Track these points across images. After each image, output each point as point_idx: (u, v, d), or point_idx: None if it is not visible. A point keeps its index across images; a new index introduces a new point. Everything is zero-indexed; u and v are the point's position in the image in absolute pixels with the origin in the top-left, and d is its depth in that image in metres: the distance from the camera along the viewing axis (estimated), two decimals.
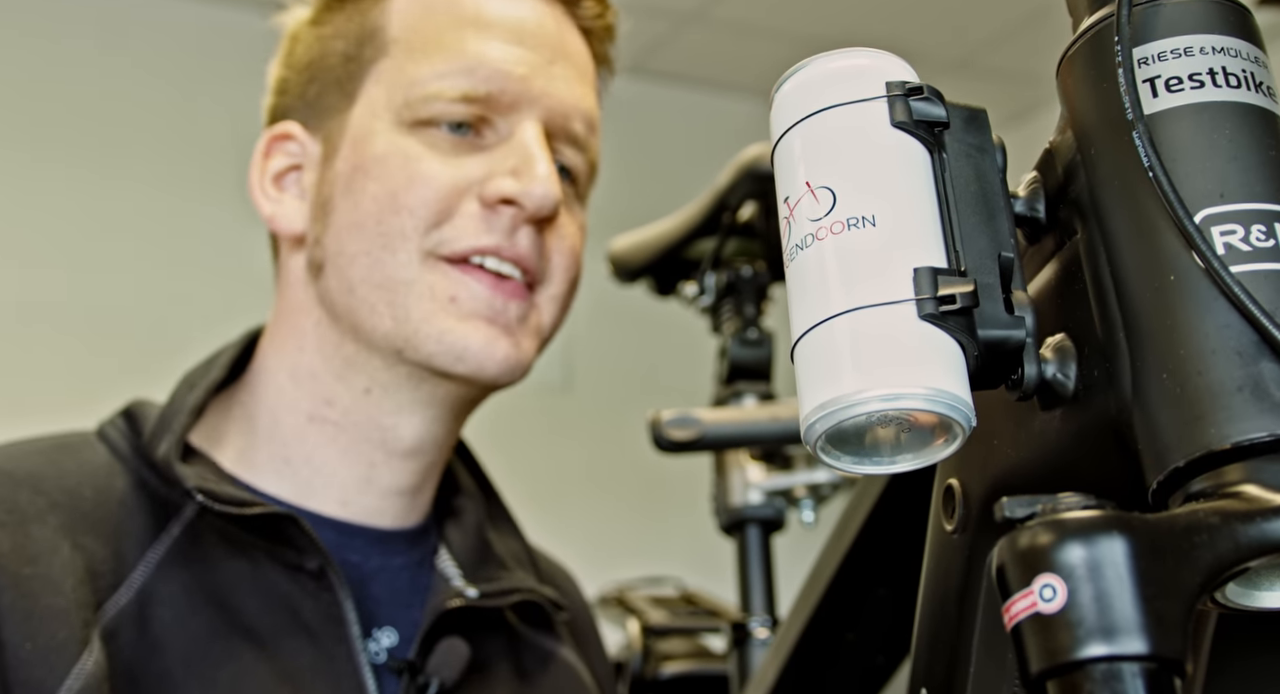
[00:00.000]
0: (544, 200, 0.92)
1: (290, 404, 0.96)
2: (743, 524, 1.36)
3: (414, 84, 0.95)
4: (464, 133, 0.95)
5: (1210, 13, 0.51)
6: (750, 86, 4.30)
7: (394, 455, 0.97)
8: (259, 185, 1.00)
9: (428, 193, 0.92)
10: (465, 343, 0.91)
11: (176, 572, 0.88)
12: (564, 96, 0.97)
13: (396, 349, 0.93)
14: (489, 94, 0.94)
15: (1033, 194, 0.55)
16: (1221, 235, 0.47)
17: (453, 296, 0.92)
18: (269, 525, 0.90)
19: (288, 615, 0.89)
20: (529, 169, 0.93)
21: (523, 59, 0.96)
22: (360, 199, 0.94)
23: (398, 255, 0.92)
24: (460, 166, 0.94)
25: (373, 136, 0.95)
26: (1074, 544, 0.42)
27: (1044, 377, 0.51)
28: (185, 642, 0.86)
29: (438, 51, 0.95)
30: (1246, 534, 0.43)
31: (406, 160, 0.93)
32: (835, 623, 0.84)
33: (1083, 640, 0.41)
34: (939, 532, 0.63)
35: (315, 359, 0.96)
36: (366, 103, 0.96)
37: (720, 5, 3.81)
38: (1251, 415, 0.45)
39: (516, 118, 0.95)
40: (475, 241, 0.92)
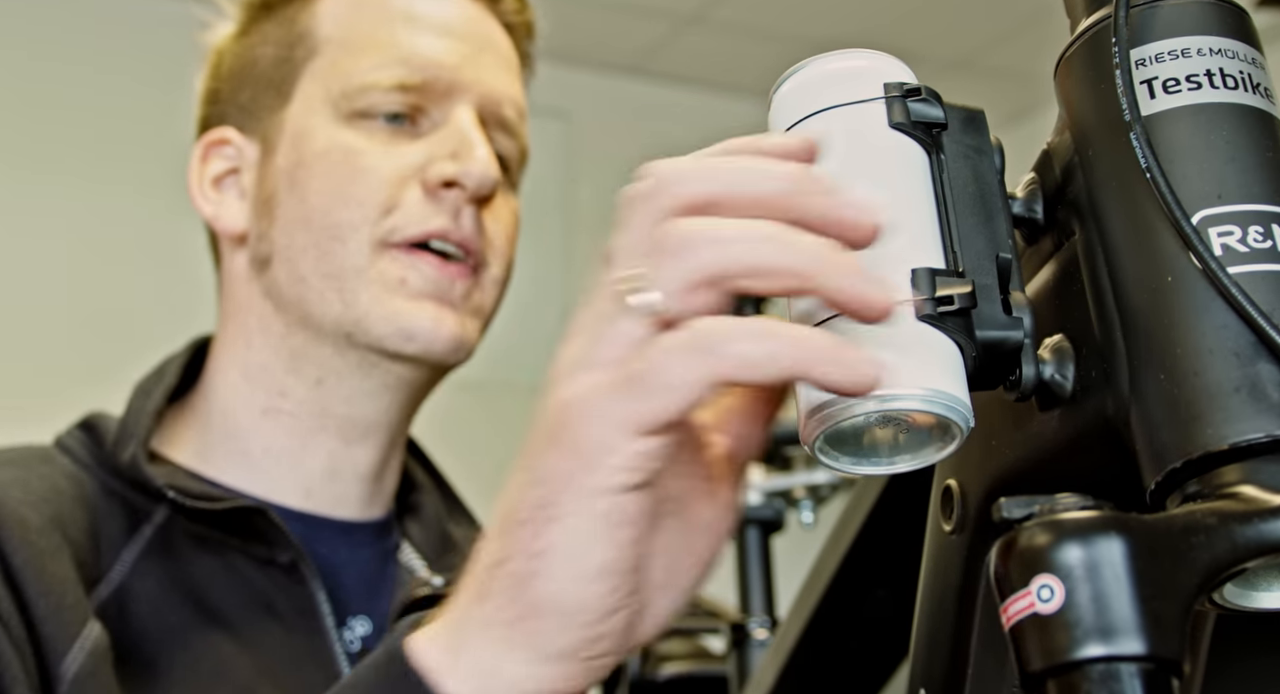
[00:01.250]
0: (484, 179, 0.95)
1: (245, 400, 0.98)
2: (742, 525, 1.36)
3: (349, 76, 0.97)
4: (400, 123, 0.97)
5: (1208, 14, 0.51)
6: (750, 87, 4.30)
7: (351, 442, 0.98)
8: (198, 189, 1.02)
9: (373, 183, 0.95)
10: (414, 322, 0.93)
11: (152, 569, 0.89)
12: (494, 84, 1.01)
13: (346, 333, 0.94)
14: (423, 82, 0.97)
15: (1030, 195, 0.55)
16: (1219, 236, 0.47)
17: (402, 279, 0.94)
18: (239, 521, 0.91)
19: (262, 609, 0.90)
20: (467, 151, 0.95)
21: (453, 49, 0.99)
22: (305, 194, 0.96)
23: (348, 245, 0.94)
24: (400, 155, 0.96)
25: (312, 132, 0.97)
26: (1071, 545, 0.42)
27: (1042, 377, 0.51)
28: (165, 635, 0.87)
29: (370, 46, 0.98)
30: (1244, 535, 0.43)
31: (347, 154, 0.95)
32: (834, 624, 0.84)
33: (1080, 641, 0.41)
34: (937, 532, 0.63)
35: (264, 354, 0.98)
36: (303, 100, 0.98)
37: (720, 7, 3.82)
38: (1249, 416, 0.45)
39: (450, 105, 0.98)
40: (424, 226, 0.94)
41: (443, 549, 1.03)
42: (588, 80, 4.20)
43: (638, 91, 4.27)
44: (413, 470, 1.09)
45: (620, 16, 3.90)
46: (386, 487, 1.02)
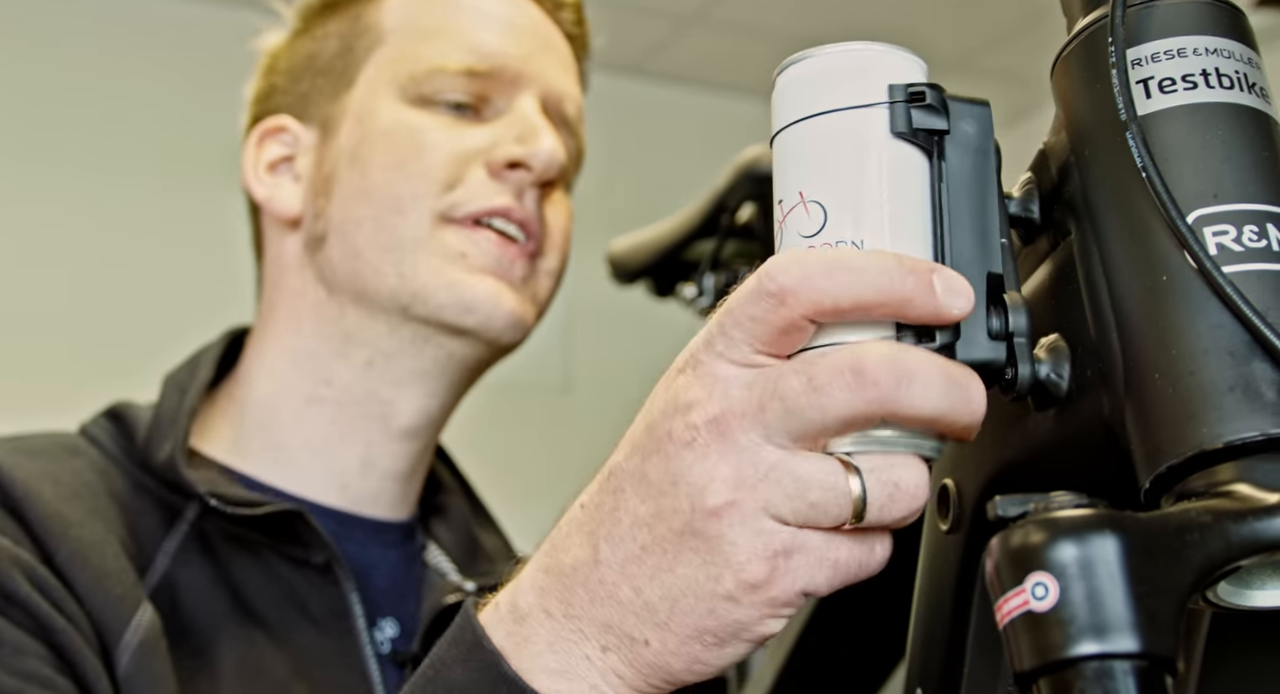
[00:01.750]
0: (551, 159, 0.95)
1: (287, 388, 0.97)
2: None
3: (417, 60, 0.97)
4: (464, 112, 0.98)
5: (1204, 14, 0.52)
6: (750, 87, 4.30)
7: (391, 435, 0.98)
8: (253, 173, 1.02)
9: (436, 159, 0.95)
10: (474, 293, 0.93)
11: (194, 561, 0.89)
12: (557, 80, 1.01)
13: (403, 306, 0.94)
14: (490, 69, 0.98)
15: (1027, 195, 0.55)
16: (1214, 236, 0.47)
17: (463, 252, 0.94)
18: (276, 522, 0.90)
19: (296, 608, 0.90)
20: (533, 135, 0.96)
21: (520, 42, 1.00)
22: (368, 168, 0.96)
23: (408, 217, 0.94)
24: (464, 137, 0.96)
25: (376, 112, 0.97)
26: (1066, 543, 0.42)
27: (1037, 377, 0.51)
28: (211, 625, 0.87)
29: (439, 34, 0.99)
30: (1238, 533, 0.43)
31: (412, 131, 0.96)
32: (832, 624, 0.84)
33: (1074, 638, 0.41)
34: (934, 531, 0.63)
35: (313, 340, 0.97)
36: (366, 84, 0.99)
37: (720, 6, 3.82)
38: (1243, 415, 0.45)
39: (515, 93, 0.99)
40: (487, 202, 0.95)
41: (471, 553, 1.03)
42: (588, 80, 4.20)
43: (638, 91, 4.27)
44: (439, 472, 1.09)
45: (621, 16, 3.90)
46: (416, 487, 1.02)
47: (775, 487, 0.50)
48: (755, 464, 0.50)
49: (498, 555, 1.05)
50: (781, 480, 0.50)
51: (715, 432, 0.50)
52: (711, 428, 0.51)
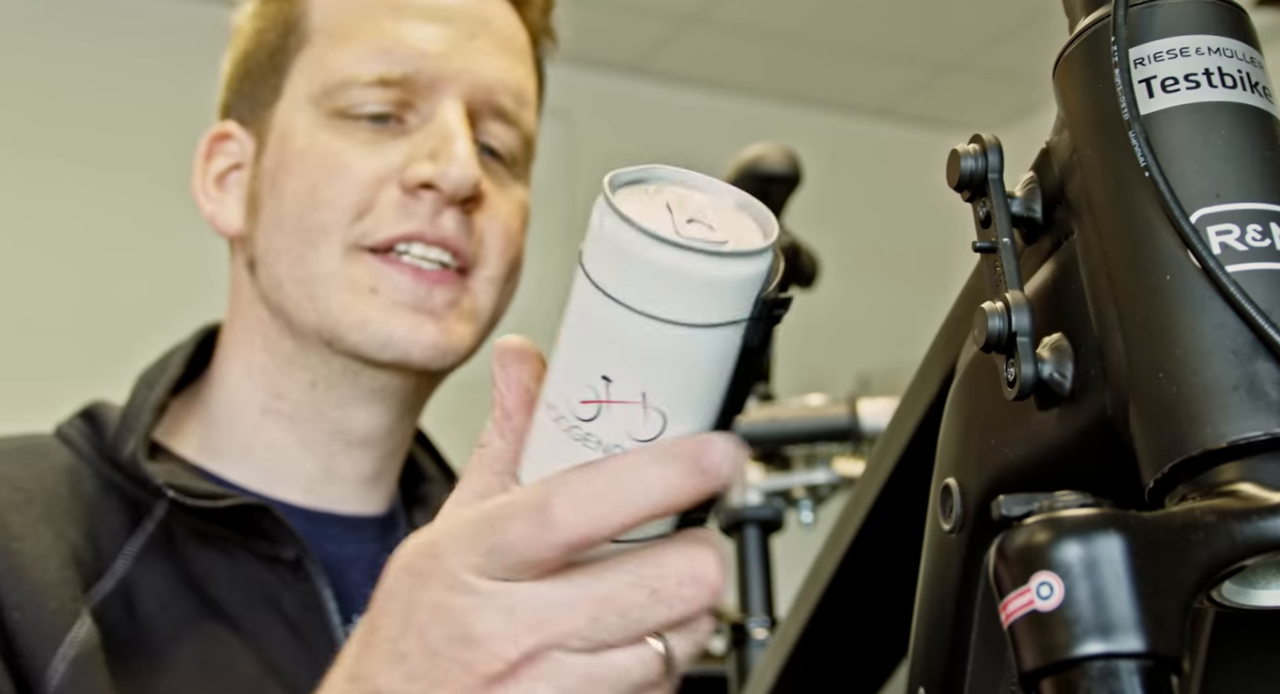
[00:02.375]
0: (461, 181, 0.90)
1: (245, 398, 0.97)
2: (741, 525, 1.36)
3: (330, 71, 0.93)
4: (385, 122, 0.93)
5: (1206, 13, 0.52)
6: (750, 87, 4.30)
7: (351, 445, 0.97)
8: (200, 187, 1.00)
9: (347, 185, 0.91)
10: (388, 331, 0.90)
11: (156, 562, 0.88)
12: (486, 72, 0.95)
13: (326, 341, 0.93)
14: (405, 75, 0.93)
15: (1029, 194, 0.55)
16: (1217, 235, 0.47)
17: (373, 288, 0.91)
18: (242, 518, 0.89)
19: (268, 606, 0.89)
20: (446, 150, 0.91)
21: (439, 36, 0.94)
22: (283, 195, 0.93)
23: (319, 250, 0.91)
24: (380, 155, 0.92)
25: (294, 132, 0.94)
26: (1070, 542, 0.42)
27: (1041, 376, 0.51)
28: (171, 626, 0.86)
29: (354, 36, 0.94)
30: (1243, 532, 0.43)
31: (324, 155, 0.92)
32: (834, 623, 0.84)
33: (1079, 638, 0.41)
34: (936, 531, 0.63)
35: (263, 355, 0.96)
36: (290, 95, 0.95)
37: (720, 6, 3.82)
38: (1247, 414, 0.45)
39: (437, 98, 0.93)
40: (396, 229, 0.91)
41: None
42: (588, 80, 4.20)
43: (639, 91, 4.27)
44: (422, 462, 1.08)
45: (621, 16, 3.90)
46: (389, 483, 1.01)
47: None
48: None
49: None
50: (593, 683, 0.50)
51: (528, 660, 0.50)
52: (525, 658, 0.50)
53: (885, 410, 1.21)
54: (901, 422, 0.72)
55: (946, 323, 0.66)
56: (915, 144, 4.39)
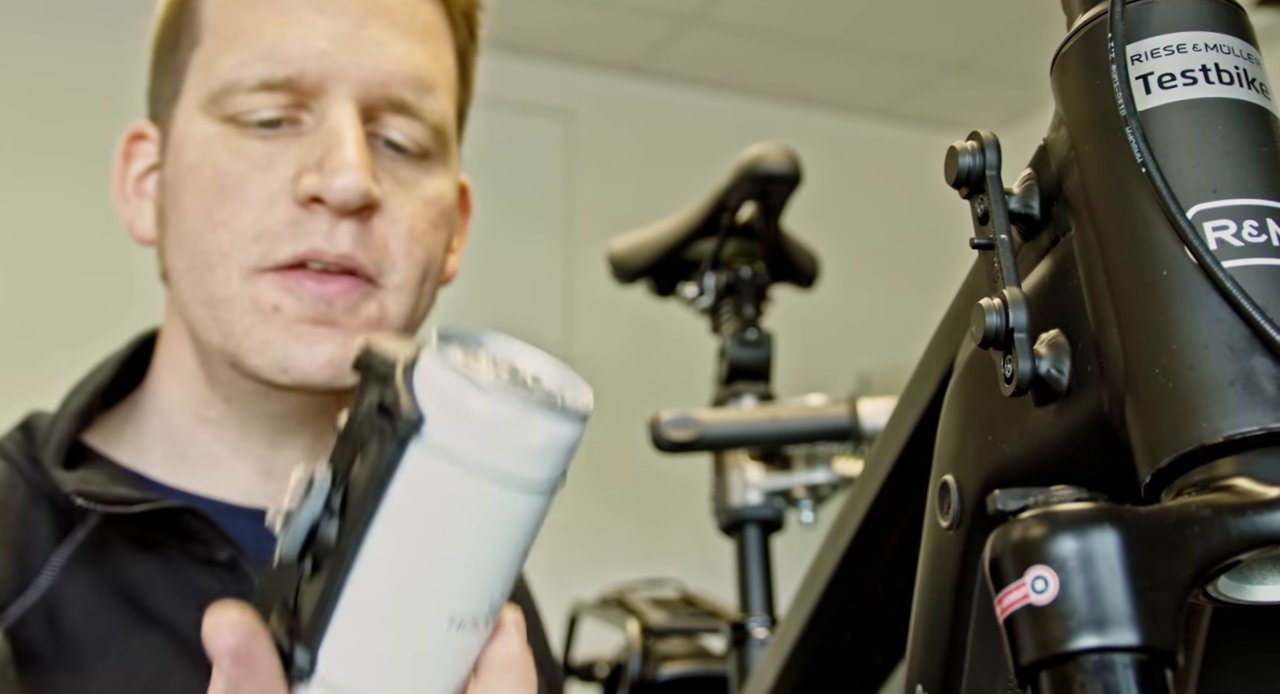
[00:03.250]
0: (345, 192, 0.85)
1: (179, 405, 0.95)
2: (742, 524, 1.36)
3: (215, 76, 0.88)
4: (278, 125, 0.89)
5: (1203, 10, 0.52)
6: (751, 87, 4.30)
7: (280, 449, 0.94)
8: (120, 190, 0.96)
9: (239, 206, 0.87)
10: (287, 353, 0.87)
11: (84, 573, 0.86)
12: (379, 63, 0.89)
13: (230, 363, 0.90)
14: (288, 78, 0.87)
15: (1027, 191, 0.55)
16: (1214, 231, 0.47)
17: (276, 306, 0.87)
18: (171, 521, 0.87)
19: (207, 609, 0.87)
20: (331, 160, 0.86)
21: (325, 31, 0.88)
22: (182, 213, 0.89)
23: (217, 273, 0.88)
24: (272, 169, 0.88)
25: (187, 142, 0.90)
26: (1066, 536, 0.42)
27: (1038, 372, 0.51)
28: (99, 637, 0.84)
29: (237, 37, 0.89)
30: (1238, 527, 0.43)
31: (215, 172, 0.88)
32: (833, 622, 0.84)
33: (1074, 632, 0.41)
34: (934, 528, 0.63)
35: (190, 361, 0.94)
36: (185, 100, 0.91)
37: (721, 6, 3.82)
38: (1243, 409, 0.45)
39: (327, 99, 0.88)
40: (293, 249, 0.87)
41: None
42: (589, 80, 4.20)
43: (639, 91, 4.27)
44: None
45: (622, 16, 3.90)
46: None
47: None
48: None
49: None
50: None
51: None
52: None
53: (885, 410, 1.21)
54: (900, 419, 0.72)
55: (945, 320, 0.66)
56: (915, 144, 4.40)
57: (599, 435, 4.42)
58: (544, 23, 3.93)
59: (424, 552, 0.50)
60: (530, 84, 4.12)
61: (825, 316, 3.57)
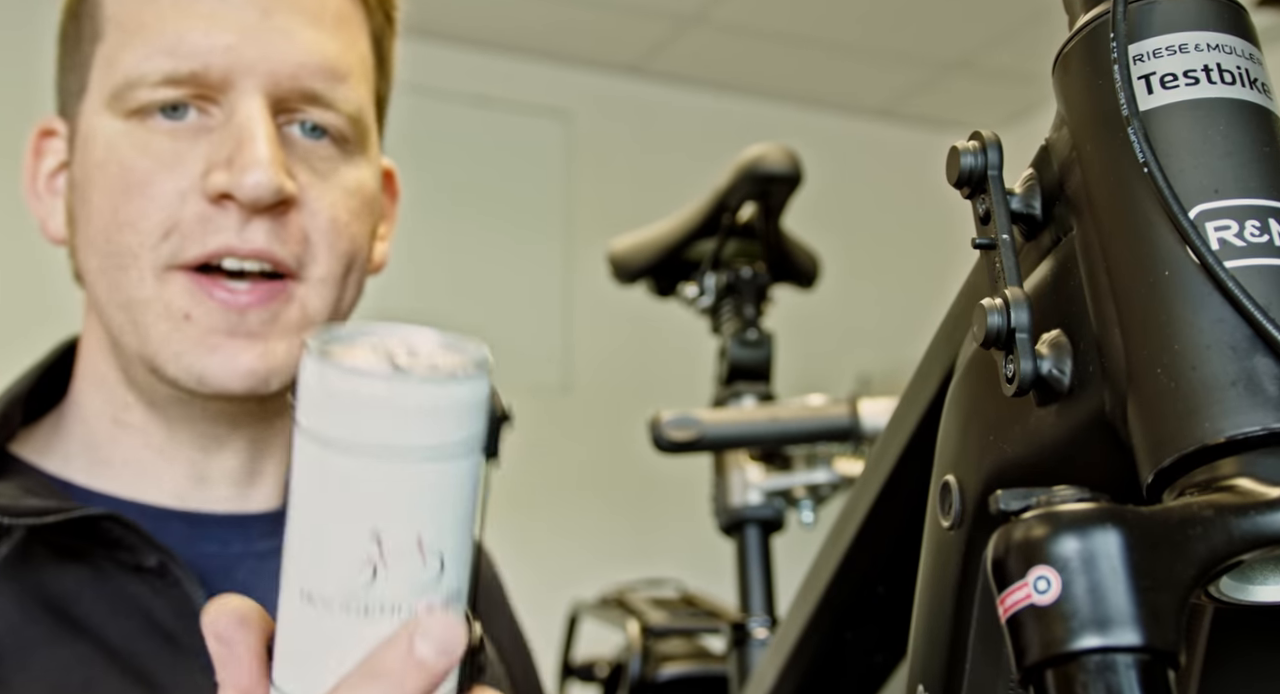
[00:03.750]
0: (257, 189, 0.83)
1: (97, 410, 0.92)
2: (742, 525, 1.36)
3: (118, 72, 0.86)
4: (182, 116, 0.86)
5: (1205, 10, 0.52)
6: (750, 87, 4.30)
7: (211, 452, 0.92)
8: (31, 187, 0.94)
9: (146, 204, 0.85)
10: (203, 365, 0.85)
11: (7, 588, 0.84)
12: (287, 54, 0.86)
13: (149, 369, 0.88)
14: (193, 73, 0.85)
15: (1029, 191, 0.55)
16: (1216, 231, 0.47)
17: (187, 314, 0.85)
18: (95, 529, 0.85)
19: (140, 618, 0.85)
20: (241, 156, 0.84)
21: (229, 23, 0.86)
22: (90, 212, 0.87)
23: (129, 274, 0.86)
24: (180, 165, 0.85)
25: (94, 139, 0.87)
26: (1068, 536, 0.42)
27: (1039, 372, 0.51)
28: (21, 651, 0.82)
29: (139, 31, 0.86)
30: (1240, 527, 0.43)
31: (122, 168, 0.85)
32: (834, 622, 0.84)
33: (1077, 632, 0.41)
34: (935, 528, 0.63)
35: (106, 365, 0.92)
36: (90, 96, 0.88)
37: (720, 6, 3.82)
38: (1245, 409, 0.45)
39: (235, 94, 0.86)
40: (204, 246, 0.85)
41: None
42: (588, 80, 4.20)
43: (638, 91, 4.27)
44: None
45: (620, 16, 3.90)
46: (271, 480, 0.96)
47: None
48: None
49: None
50: None
51: None
52: None
53: (886, 410, 1.21)
54: (901, 419, 0.72)
55: (946, 320, 0.66)
56: (916, 144, 4.40)
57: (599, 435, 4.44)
58: (542, 23, 3.93)
59: (306, 528, 0.52)
60: (529, 84, 4.12)
61: (826, 317, 3.57)
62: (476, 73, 4.04)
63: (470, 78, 4.02)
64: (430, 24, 3.85)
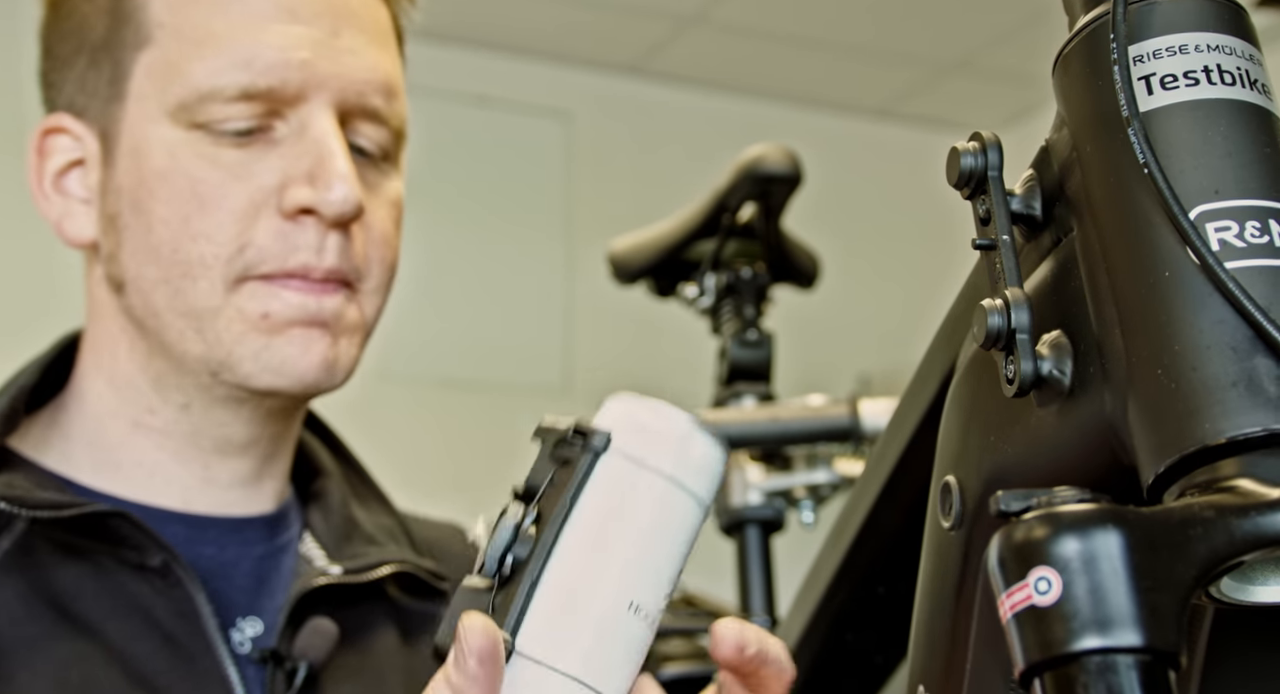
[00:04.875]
0: (344, 206, 0.85)
1: (113, 411, 0.92)
2: (742, 525, 1.36)
3: (186, 83, 0.86)
4: (252, 135, 0.87)
5: (1205, 11, 0.52)
6: (750, 88, 4.30)
7: (227, 455, 0.93)
8: (38, 188, 0.92)
9: (222, 217, 0.86)
10: (282, 356, 0.87)
11: (10, 580, 0.84)
12: (355, 72, 0.88)
13: (212, 371, 0.88)
14: (270, 88, 0.86)
15: (1029, 192, 0.55)
16: (1216, 231, 0.47)
17: (265, 313, 0.87)
18: (101, 526, 0.85)
19: (139, 617, 0.85)
20: (324, 172, 0.85)
21: (303, 39, 0.87)
22: (150, 222, 0.87)
23: (198, 284, 0.86)
24: (252, 176, 0.86)
25: (150, 147, 0.87)
26: (1069, 537, 0.42)
27: (1040, 373, 0.51)
28: (24, 646, 0.82)
29: (208, 42, 0.86)
30: (1241, 528, 0.43)
31: (191, 181, 0.86)
32: (835, 623, 0.84)
33: (1077, 632, 0.41)
34: (936, 529, 0.63)
35: (130, 367, 0.91)
36: (138, 100, 0.88)
37: (720, 6, 3.82)
38: (1245, 410, 0.45)
39: (306, 108, 0.87)
40: (282, 264, 0.87)
41: (346, 536, 0.98)
42: (588, 80, 4.20)
43: (638, 91, 4.27)
44: (318, 456, 1.03)
45: (620, 17, 3.90)
46: (272, 485, 0.97)
47: None
48: None
49: (381, 535, 1.01)
50: None
51: None
52: None
53: (886, 410, 1.21)
54: (902, 420, 0.73)
55: (946, 321, 0.66)
56: (915, 144, 4.39)
57: None
58: (542, 23, 3.93)
59: (612, 540, 0.60)
60: (528, 85, 4.12)
61: (825, 317, 3.57)
62: (477, 73, 4.04)
63: (470, 78, 4.03)
64: (430, 24, 3.84)
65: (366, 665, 0.93)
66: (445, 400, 3.77)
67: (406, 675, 0.95)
